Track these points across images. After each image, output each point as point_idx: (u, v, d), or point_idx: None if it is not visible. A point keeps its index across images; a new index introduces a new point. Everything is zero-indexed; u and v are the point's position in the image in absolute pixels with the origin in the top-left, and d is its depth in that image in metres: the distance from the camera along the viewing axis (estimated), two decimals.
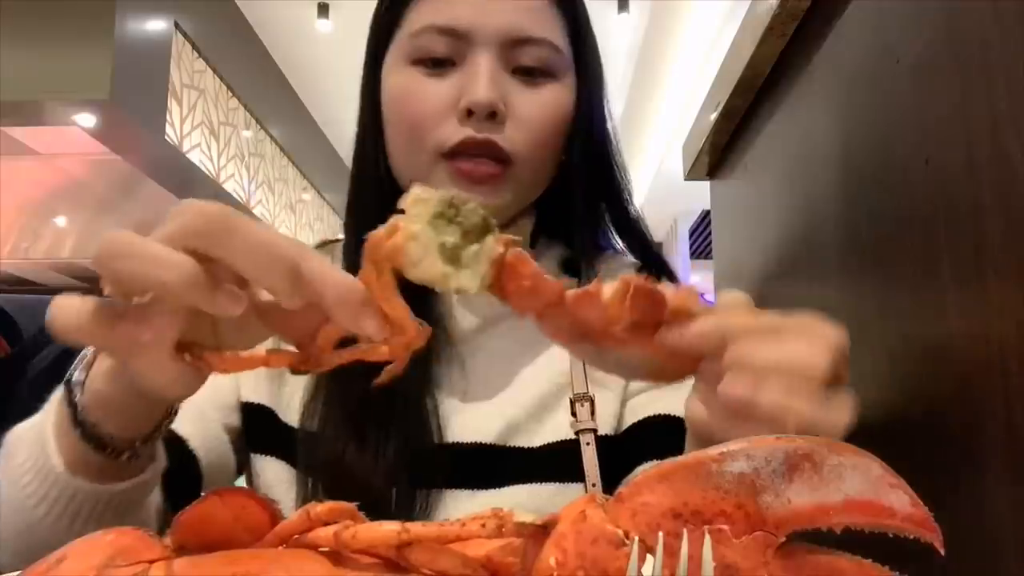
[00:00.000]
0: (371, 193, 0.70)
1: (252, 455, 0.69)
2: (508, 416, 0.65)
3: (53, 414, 0.46)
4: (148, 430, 0.46)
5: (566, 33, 0.68)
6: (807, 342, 0.36)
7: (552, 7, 0.67)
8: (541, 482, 0.63)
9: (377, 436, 0.62)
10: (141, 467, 0.47)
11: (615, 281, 0.36)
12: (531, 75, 0.66)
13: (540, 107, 0.66)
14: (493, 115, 0.63)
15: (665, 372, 0.39)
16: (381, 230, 0.34)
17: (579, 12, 0.70)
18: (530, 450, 0.65)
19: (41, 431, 0.47)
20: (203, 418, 0.64)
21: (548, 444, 0.64)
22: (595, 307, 0.36)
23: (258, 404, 0.68)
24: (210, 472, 0.63)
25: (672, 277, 0.76)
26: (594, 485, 0.62)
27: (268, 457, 0.67)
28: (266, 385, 0.68)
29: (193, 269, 0.33)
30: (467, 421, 0.65)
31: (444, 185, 0.64)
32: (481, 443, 0.64)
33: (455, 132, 0.64)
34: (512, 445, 0.65)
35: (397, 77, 0.67)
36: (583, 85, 0.70)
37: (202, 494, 0.60)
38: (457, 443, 0.64)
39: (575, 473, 0.63)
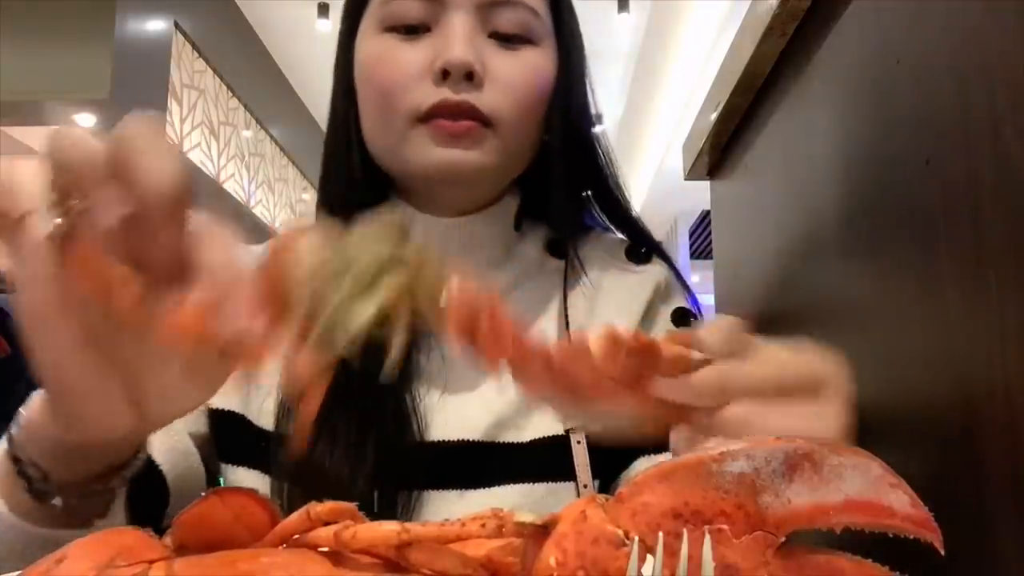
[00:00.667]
0: (343, 169, 0.68)
1: (224, 466, 0.65)
2: (495, 410, 0.62)
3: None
4: (82, 476, 0.41)
5: (545, 0, 0.66)
6: (817, 411, 0.35)
7: None
8: (533, 481, 0.61)
9: (355, 436, 0.59)
10: (87, 519, 0.43)
11: (601, 334, 0.33)
12: (509, 40, 0.64)
13: (519, 70, 0.63)
14: (470, 77, 0.61)
15: (654, 424, 0.38)
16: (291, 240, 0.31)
17: None
18: (519, 446, 0.62)
19: None
20: (168, 430, 0.60)
21: (539, 439, 0.62)
22: (585, 363, 0.33)
23: (228, 411, 0.65)
24: (178, 487, 0.59)
25: (662, 254, 0.75)
26: (585, 487, 0.60)
27: (241, 468, 0.64)
28: (235, 391, 0.65)
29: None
30: (451, 416, 0.62)
31: (423, 149, 0.62)
32: (468, 440, 0.61)
33: (430, 94, 0.61)
34: (500, 441, 0.62)
35: (370, 45, 0.65)
36: (563, 55, 0.68)
37: (167, 511, 0.58)
38: (442, 441, 0.61)
39: (568, 471, 0.60)
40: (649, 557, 0.26)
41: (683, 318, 0.70)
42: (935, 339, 0.41)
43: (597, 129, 0.73)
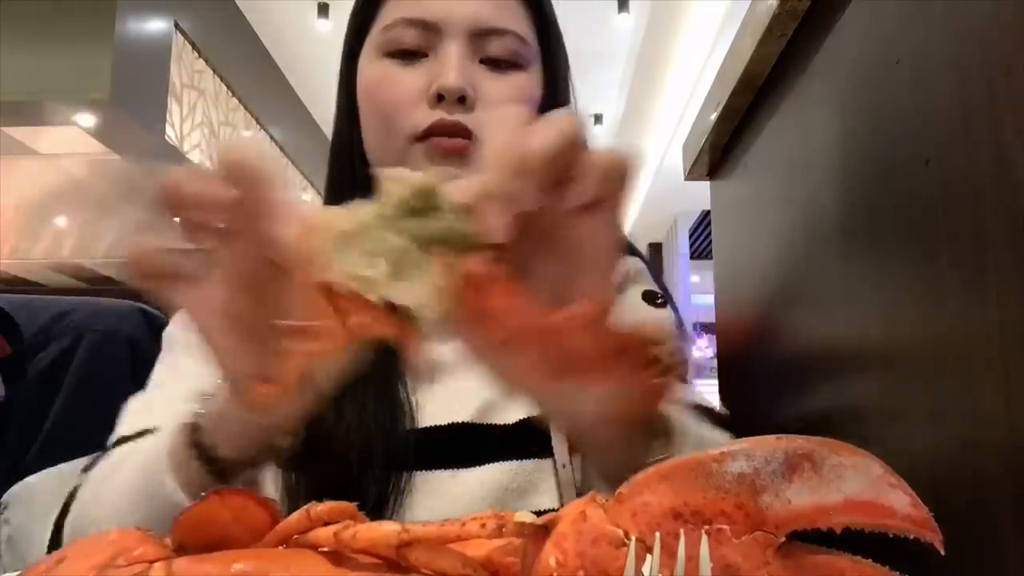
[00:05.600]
0: (348, 180, 0.73)
1: None
2: (482, 396, 0.65)
3: (170, 437, 0.48)
4: (254, 453, 0.47)
5: (532, 26, 0.72)
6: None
7: (518, 1, 0.71)
8: (521, 459, 0.64)
9: (352, 420, 0.62)
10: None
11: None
12: (499, 65, 0.69)
13: (508, 93, 0.69)
14: (463, 100, 0.66)
15: (633, 404, 0.39)
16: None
17: (544, 6, 0.74)
18: (507, 427, 0.65)
19: (157, 452, 0.48)
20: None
21: (524, 420, 0.65)
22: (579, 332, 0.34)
23: None
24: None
25: (636, 253, 0.79)
26: (564, 466, 0.63)
27: None
28: None
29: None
30: (440, 403, 0.65)
31: (420, 167, 0.67)
32: (458, 423, 0.65)
33: (426, 116, 0.67)
34: (488, 423, 0.65)
35: (371, 68, 0.70)
36: (549, 77, 0.73)
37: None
38: (433, 425, 0.65)
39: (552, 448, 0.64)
40: (648, 557, 0.26)
41: (651, 299, 0.74)
42: (935, 339, 0.41)
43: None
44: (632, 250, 0.80)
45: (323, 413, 0.62)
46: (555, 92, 0.73)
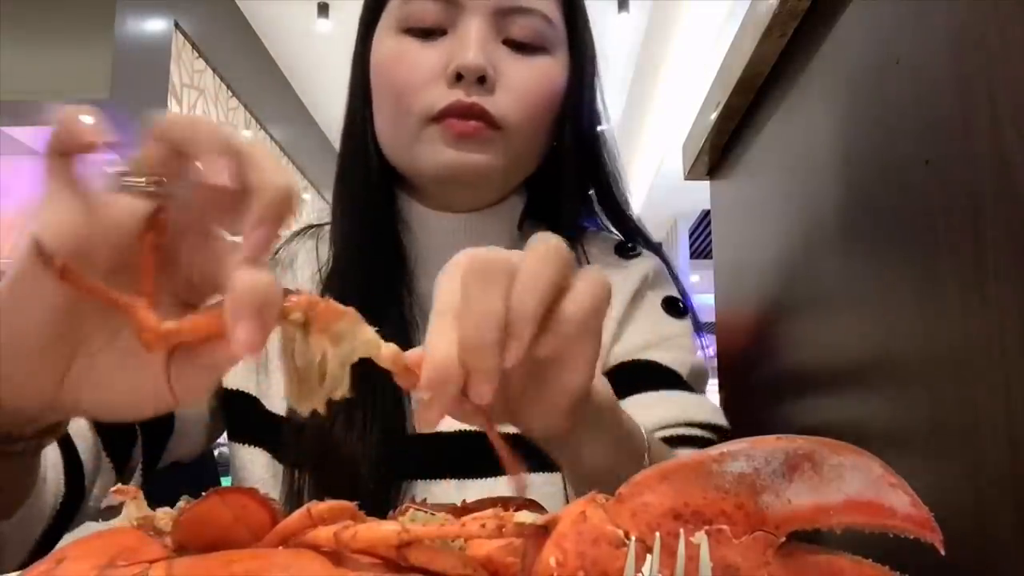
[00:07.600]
0: (359, 165, 0.70)
1: (236, 446, 0.67)
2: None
3: None
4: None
5: (560, 7, 0.67)
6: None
7: None
8: (529, 471, 0.61)
9: (363, 424, 0.60)
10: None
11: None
12: (523, 47, 0.65)
13: (531, 77, 0.65)
14: (482, 80, 0.62)
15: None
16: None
17: None
18: (515, 436, 0.63)
19: None
20: None
21: None
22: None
23: (240, 391, 0.67)
24: (181, 416, 0.64)
25: (654, 249, 0.76)
26: None
27: (254, 448, 0.66)
28: (248, 373, 0.67)
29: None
30: None
31: (434, 149, 0.64)
32: (465, 431, 0.62)
33: (443, 96, 0.63)
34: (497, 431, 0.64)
35: (387, 44, 0.66)
36: (575, 63, 0.69)
37: (171, 436, 0.64)
38: (440, 432, 0.62)
39: None
40: (648, 557, 0.26)
41: (673, 306, 0.72)
42: (935, 338, 0.41)
43: (604, 127, 0.75)
44: (653, 248, 0.76)
45: (333, 419, 0.60)
46: (581, 79, 0.69)
